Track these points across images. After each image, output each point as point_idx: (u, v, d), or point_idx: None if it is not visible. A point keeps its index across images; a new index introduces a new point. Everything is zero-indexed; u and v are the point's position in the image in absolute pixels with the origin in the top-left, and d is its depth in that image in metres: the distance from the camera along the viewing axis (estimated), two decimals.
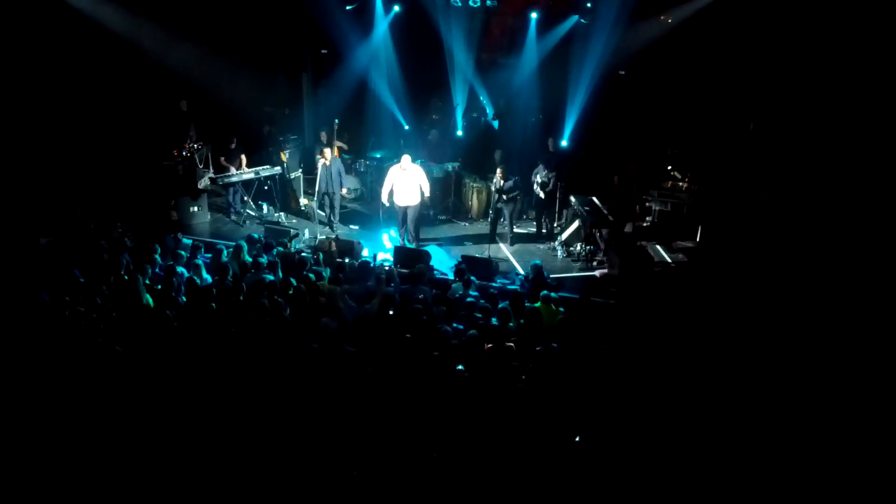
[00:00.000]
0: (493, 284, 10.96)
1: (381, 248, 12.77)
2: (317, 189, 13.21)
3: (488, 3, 15.05)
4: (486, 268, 11.55)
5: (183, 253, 10.36)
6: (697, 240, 13.00)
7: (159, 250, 10.24)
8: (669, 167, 13.70)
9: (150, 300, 8.73)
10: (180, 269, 9.71)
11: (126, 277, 9.10)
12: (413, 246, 12.71)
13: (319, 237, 12.62)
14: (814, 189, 12.29)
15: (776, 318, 9.29)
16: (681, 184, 13.52)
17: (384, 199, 12.93)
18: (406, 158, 12.65)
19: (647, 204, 13.54)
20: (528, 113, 15.52)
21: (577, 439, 6.30)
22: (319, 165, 13.17)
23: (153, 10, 14.57)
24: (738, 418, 6.66)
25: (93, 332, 7.60)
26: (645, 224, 13.50)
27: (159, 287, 9.11)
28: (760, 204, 12.69)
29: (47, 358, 7.01)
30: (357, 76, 15.55)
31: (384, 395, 6.56)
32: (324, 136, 14.69)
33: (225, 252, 10.44)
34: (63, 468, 5.74)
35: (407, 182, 12.66)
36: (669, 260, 12.43)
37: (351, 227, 13.81)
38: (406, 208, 12.81)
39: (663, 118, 14.32)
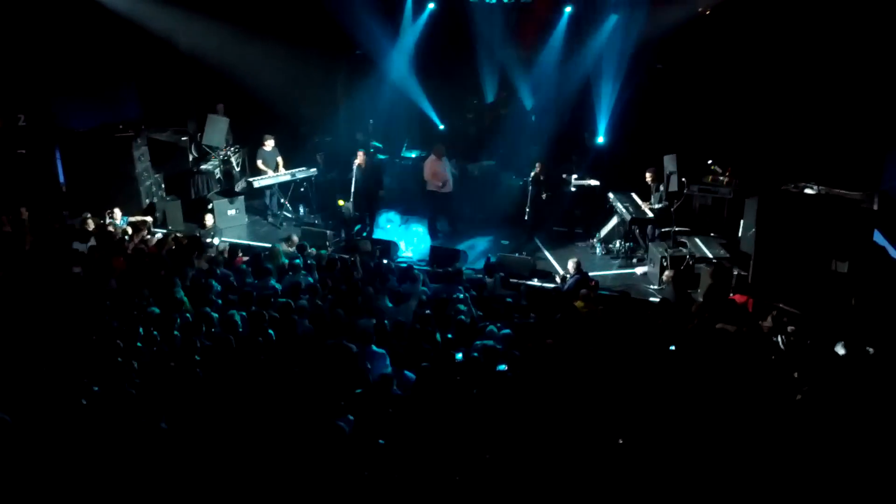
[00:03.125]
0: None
1: (416, 248, 12.79)
2: (352, 190, 13.21)
3: None
4: (522, 266, 11.44)
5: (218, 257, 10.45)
6: (739, 234, 12.69)
7: (197, 254, 10.32)
8: (710, 161, 13.41)
9: (188, 302, 8.76)
10: (220, 271, 9.77)
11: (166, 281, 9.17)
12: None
13: (354, 238, 12.61)
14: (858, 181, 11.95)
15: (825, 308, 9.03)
16: (721, 178, 13.22)
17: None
18: (435, 149, 13.28)
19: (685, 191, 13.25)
20: (562, 109, 15.31)
21: (621, 442, 6.17)
22: (354, 167, 13.18)
23: (191, 6, 14.59)
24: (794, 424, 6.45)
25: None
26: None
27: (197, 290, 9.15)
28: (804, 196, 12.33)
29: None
30: (391, 76, 15.50)
31: (425, 398, 6.49)
32: (360, 137, 14.66)
33: (262, 255, 10.48)
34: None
35: (431, 170, 13.18)
36: (710, 255, 12.14)
37: (387, 226, 13.76)
38: (433, 194, 13.27)
39: (702, 112, 14.01)
